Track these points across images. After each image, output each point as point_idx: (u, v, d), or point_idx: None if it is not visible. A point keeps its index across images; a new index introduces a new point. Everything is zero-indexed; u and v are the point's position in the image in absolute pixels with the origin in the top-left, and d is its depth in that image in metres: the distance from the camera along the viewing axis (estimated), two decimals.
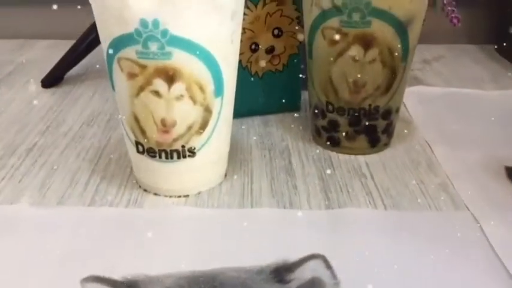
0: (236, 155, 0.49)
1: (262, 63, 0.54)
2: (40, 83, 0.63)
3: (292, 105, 0.57)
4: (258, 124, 0.55)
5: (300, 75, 0.56)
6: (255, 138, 0.52)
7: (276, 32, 0.54)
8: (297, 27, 0.54)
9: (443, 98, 0.61)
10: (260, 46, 0.54)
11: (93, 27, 0.62)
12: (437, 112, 0.57)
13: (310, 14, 0.45)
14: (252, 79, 0.55)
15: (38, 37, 0.80)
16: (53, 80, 0.64)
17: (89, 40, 0.63)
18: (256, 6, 0.52)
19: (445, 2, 0.57)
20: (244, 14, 0.52)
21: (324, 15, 0.44)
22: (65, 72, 0.65)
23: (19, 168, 0.46)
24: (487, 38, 0.80)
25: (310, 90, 0.50)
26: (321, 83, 0.47)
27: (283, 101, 0.57)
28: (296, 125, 0.54)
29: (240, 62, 0.54)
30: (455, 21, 0.57)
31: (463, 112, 0.57)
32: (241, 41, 0.53)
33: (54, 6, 0.52)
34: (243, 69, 0.54)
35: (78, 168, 0.46)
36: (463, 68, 0.71)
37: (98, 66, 0.66)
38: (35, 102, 0.59)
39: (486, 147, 0.50)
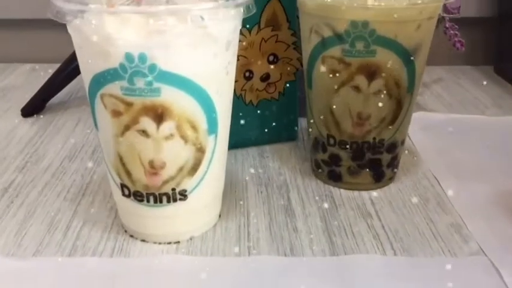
0: (231, 192, 0.45)
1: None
2: (20, 112, 0.60)
3: (289, 135, 0.54)
4: (253, 155, 0.52)
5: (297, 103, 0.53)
6: (250, 171, 0.48)
7: (271, 58, 0.51)
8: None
9: (446, 124, 0.58)
10: (255, 73, 0.51)
11: None
12: (442, 140, 0.54)
13: (309, 42, 0.42)
14: (247, 108, 0.52)
15: (21, 61, 0.77)
16: (33, 108, 0.60)
17: (73, 65, 0.59)
18: (250, 32, 0.49)
19: (447, 25, 0.55)
20: (238, 40, 0.49)
21: (325, 44, 0.41)
22: (47, 100, 0.61)
23: None
24: (485, 59, 0.78)
25: (309, 122, 0.46)
26: (322, 114, 0.44)
27: (280, 130, 0.53)
28: (294, 156, 0.51)
29: (234, 90, 0.51)
30: (458, 45, 0.54)
31: (467, 140, 0.54)
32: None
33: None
34: (237, 98, 0.51)
35: (58, 210, 0.42)
36: (463, 91, 0.69)
37: (81, 92, 0.63)
38: (14, 133, 0.55)
39: (495, 178, 0.47)
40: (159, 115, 0.33)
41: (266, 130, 0.53)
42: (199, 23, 0.31)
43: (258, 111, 0.52)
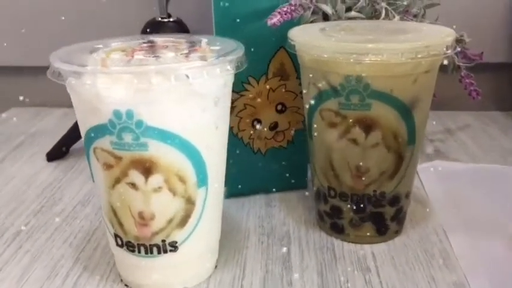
0: (232, 241, 0.45)
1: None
2: (45, 156, 0.62)
3: (298, 183, 0.54)
4: (260, 204, 0.52)
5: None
6: (254, 221, 0.48)
7: (279, 107, 0.51)
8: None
9: (465, 175, 0.56)
10: (263, 122, 0.51)
11: None
12: (458, 192, 0.52)
13: (308, 94, 0.43)
14: (255, 156, 0.52)
15: (55, 105, 0.81)
16: (58, 153, 0.63)
17: None
18: (258, 81, 0.50)
19: (462, 74, 0.54)
20: (246, 89, 0.50)
21: (321, 96, 0.41)
22: (71, 145, 0.64)
23: (2, 255, 0.44)
24: None
25: (312, 173, 0.46)
26: (322, 166, 0.44)
27: (289, 178, 0.53)
28: (301, 206, 0.51)
29: (241, 139, 0.52)
30: (474, 94, 0.53)
31: (487, 192, 0.52)
32: (242, 117, 0.51)
33: None
34: (244, 146, 0.52)
35: (61, 256, 0.43)
36: (490, 139, 0.67)
37: None
38: (36, 177, 0.58)
39: (509, 234, 0.44)
40: (147, 168, 0.34)
41: (275, 178, 0.53)
42: (183, 81, 0.32)
43: (267, 160, 0.53)
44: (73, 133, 0.63)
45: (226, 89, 0.36)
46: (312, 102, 0.42)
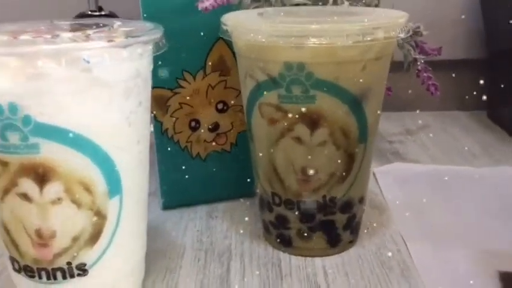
0: (163, 259, 0.39)
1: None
2: None
3: (245, 191, 0.48)
4: (201, 216, 0.46)
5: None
6: (192, 235, 0.42)
7: (220, 106, 0.46)
8: None
9: (425, 177, 0.51)
10: (202, 123, 0.46)
11: None
12: (418, 196, 0.48)
13: (244, 87, 0.37)
14: (194, 162, 0.46)
15: None
16: None
17: None
18: (194, 77, 0.44)
19: (419, 68, 0.49)
20: (181, 86, 0.44)
21: (260, 89, 0.35)
22: None
23: None
24: (478, 104, 0.72)
25: (255, 178, 0.41)
26: (264, 170, 0.38)
27: (234, 186, 0.48)
28: (248, 216, 0.45)
29: (177, 142, 0.46)
30: (432, 89, 0.49)
31: (448, 195, 0.48)
32: (178, 118, 0.45)
33: None
34: (181, 151, 0.46)
35: None
36: (451, 139, 0.63)
37: None
38: None
39: (475, 242, 0.40)
40: (41, 176, 0.28)
41: (217, 186, 0.47)
42: (81, 66, 0.26)
43: (207, 165, 0.47)
44: None
45: (140, 79, 0.30)
46: (250, 96, 0.37)
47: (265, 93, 0.35)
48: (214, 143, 0.47)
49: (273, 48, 0.33)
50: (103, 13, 0.56)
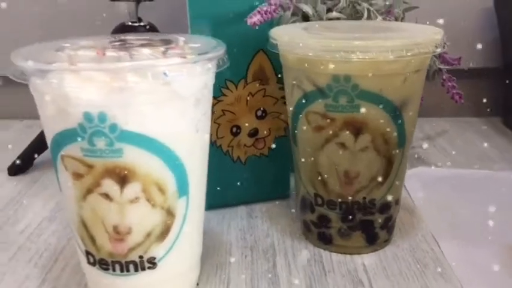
0: (213, 256, 0.42)
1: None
2: (7, 170, 0.58)
3: (281, 193, 0.51)
4: (241, 215, 0.49)
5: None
6: (236, 233, 0.45)
7: (259, 113, 0.49)
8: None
9: (449, 180, 0.55)
10: (242, 129, 0.49)
11: None
12: (444, 198, 0.51)
13: (291, 96, 0.40)
14: (235, 165, 0.49)
15: (17, 117, 0.76)
16: (20, 166, 0.58)
17: None
18: (236, 86, 0.47)
19: (444, 77, 0.52)
20: (224, 94, 0.48)
21: (307, 98, 0.38)
22: (34, 158, 0.60)
23: None
24: (493, 110, 0.75)
25: (296, 180, 0.44)
26: (308, 173, 0.41)
27: (271, 188, 0.51)
28: (285, 216, 0.48)
29: (220, 146, 0.49)
30: (457, 97, 0.52)
31: (472, 197, 0.51)
32: (220, 124, 0.48)
33: None
34: (223, 155, 0.49)
35: (26, 277, 0.39)
36: (469, 144, 0.66)
37: None
38: None
39: (500, 239, 0.43)
40: (122, 177, 0.31)
41: (256, 188, 0.50)
42: (162, 79, 0.29)
43: (247, 168, 0.50)
44: (36, 145, 0.59)
45: (206, 90, 0.34)
46: (297, 105, 0.40)
47: (312, 102, 0.38)
48: (253, 148, 0.50)
49: (322, 61, 0.36)
50: (142, 24, 0.59)
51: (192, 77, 0.31)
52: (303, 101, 0.39)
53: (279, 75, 0.48)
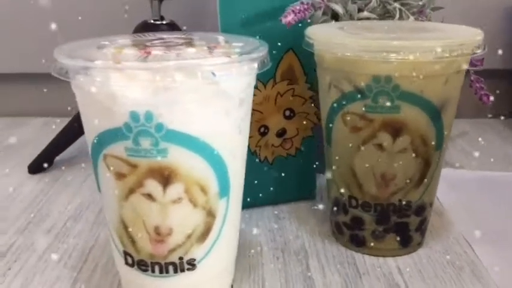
0: (244, 257, 0.42)
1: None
2: (27, 168, 0.57)
3: (307, 194, 0.51)
4: (268, 216, 0.48)
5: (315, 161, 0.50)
6: (266, 234, 0.45)
7: (287, 113, 0.48)
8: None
9: (476, 182, 0.54)
10: (270, 129, 0.48)
11: None
12: (472, 200, 0.50)
13: (327, 97, 0.40)
14: (262, 165, 0.49)
15: (33, 114, 0.76)
16: (41, 164, 0.58)
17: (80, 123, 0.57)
18: (265, 85, 0.47)
19: (472, 78, 0.52)
20: (253, 94, 0.47)
21: (345, 99, 0.38)
22: (55, 156, 0.59)
23: None
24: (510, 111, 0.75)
25: (329, 182, 0.43)
26: (342, 174, 0.41)
27: (297, 188, 0.50)
28: (312, 217, 0.48)
29: (248, 146, 0.49)
30: (485, 98, 0.51)
31: (500, 200, 0.51)
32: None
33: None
34: (251, 155, 0.48)
35: (57, 278, 0.39)
36: (490, 145, 0.65)
37: None
38: (18, 191, 0.53)
39: None
40: (166, 177, 0.30)
41: (282, 188, 0.50)
42: (210, 79, 0.29)
43: (274, 169, 0.49)
44: (57, 143, 0.59)
45: (249, 90, 0.33)
46: (333, 105, 0.39)
47: (350, 103, 0.38)
48: (281, 148, 0.49)
49: (362, 62, 0.36)
50: (164, 22, 0.58)
51: (239, 77, 0.30)
52: (341, 102, 0.38)
53: (308, 75, 0.48)
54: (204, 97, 0.30)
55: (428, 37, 0.37)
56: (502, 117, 0.74)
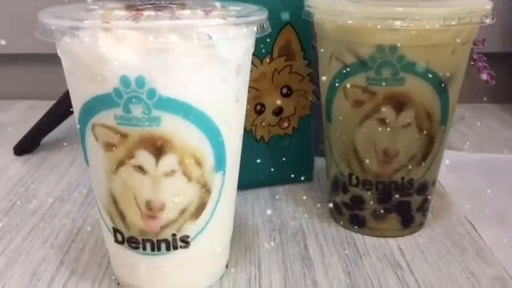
0: (240, 238, 0.40)
1: None
2: (13, 150, 0.55)
3: (304, 175, 0.49)
4: (264, 198, 0.47)
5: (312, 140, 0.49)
6: (262, 215, 0.43)
7: (284, 90, 0.46)
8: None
9: (475, 164, 0.53)
10: (266, 107, 0.46)
11: None
12: (472, 181, 0.49)
13: (328, 70, 0.38)
14: (257, 145, 0.47)
15: (17, 97, 0.73)
16: (27, 146, 0.56)
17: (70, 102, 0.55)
18: (261, 61, 0.45)
19: (475, 57, 0.51)
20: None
21: (346, 71, 0.36)
22: (42, 137, 0.57)
23: None
24: (509, 96, 0.73)
25: (328, 160, 0.42)
26: (343, 151, 0.39)
27: (294, 169, 0.49)
28: (309, 198, 0.46)
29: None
30: (488, 78, 0.50)
31: (500, 181, 0.49)
32: None
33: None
34: (246, 133, 0.46)
35: (43, 258, 0.37)
36: (488, 129, 0.64)
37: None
38: (3, 173, 0.51)
39: None
40: (159, 148, 0.28)
41: (278, 169, 0.48)
42: (206, 41, 0.27)
43: (270, 148, 0.48)
44: (44, 125, 0.56)
45: (247, 57, 0.31)
46: (334, 78, 0.37)
47: (352, 75, 0.36)
48: (277, 127, 0.47)
49: (365, 30, 0.34)
50: None
51: (236, 41, 0.28)
52: (342, 74, 0.37)
53: (306, 51, 0.46)
54: (200, 61, 0.28)
55: (436, 4, 0.35)
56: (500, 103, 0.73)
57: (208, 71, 0.28)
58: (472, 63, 0.51)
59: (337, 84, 0.37)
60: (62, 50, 0.29)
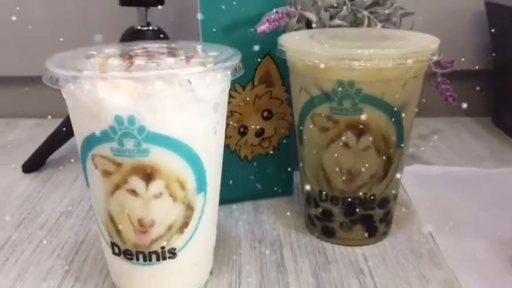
0: (224, 248, 0.45)
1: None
2: (21, 168, 0.61)
3: (285, 189, 0.55)
4: (248, 211, 0.52)
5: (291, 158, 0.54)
6: (244, 227, 0.49)
7: (265, 114, 0.52)
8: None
9: (442, 177, 0.58)
10: (249, 129, 0.52)
11: None
12: (437, 194, 0.54)
13: (299, 100, 0.43)
14: (242, 163, 0.52)
15: (23, 116, 0.79)
16: (34, 164, 0.61)
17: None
18: (244, 88, 0.50)
19: (439, 80, 0.56)
20: (232, 96, 0.51)
21: (313, 102, 0.42)
22: (48, 156, 0.62)
23: None
24: (484, 110, 0.78)
25: (302, 178, 0.47)
26: (313, 170, 0.44)
27: (275, 185, 0.54)
28: (289, 211, 0.51)
29: (228, 145, 0.52)
30: (450, 99, 0.55)
31: (464, 193, 0.54)
32: (229, 124, 0.51)
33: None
34: (231, 153, 0.52)
35: (50, 267, 0.42)
36: (461, 143, 0.69)
37: None
38: (13, 189, 0.56)
39: (491, 233, 0.46)
40: (148, 175, 0.34)
41: (261, 185, 0.53)
42: (187, 86, 0.32)
43: (253, 166, 0.53)
44: (50, 144, 0.62)
45: (223, 95, 0.37)
46: (303, 107, 0.43)
47: (318, 105, 0.41)
48: (259, 147, 0.53)
49: (328, 68, 0.39)
50: (151, 28, 0.62)
51: (213, 84, 0.34)
52: (310, 104, 0.42)
53: (284, 79, 0.51)
54: (182, 102, 0.33)
55: (389, 45, 0.41)
56: (476, 117, 0.78)
57: (189, 111, 0.34)
58: (436, 86, 0.56)
59: (306, 113, 0.43)
60: (66, 93, 0.34)
